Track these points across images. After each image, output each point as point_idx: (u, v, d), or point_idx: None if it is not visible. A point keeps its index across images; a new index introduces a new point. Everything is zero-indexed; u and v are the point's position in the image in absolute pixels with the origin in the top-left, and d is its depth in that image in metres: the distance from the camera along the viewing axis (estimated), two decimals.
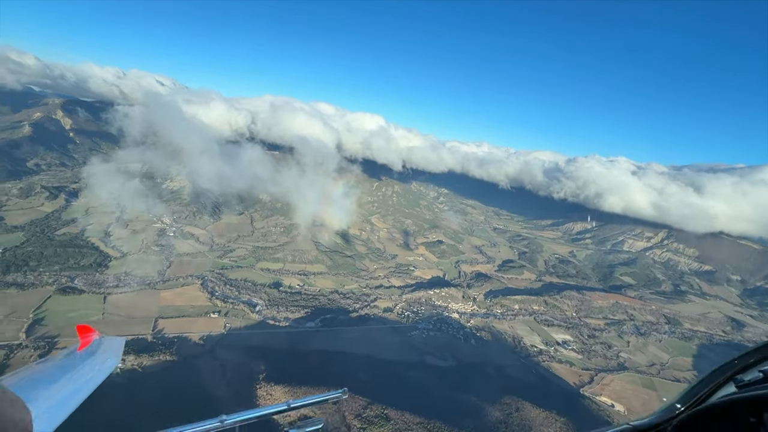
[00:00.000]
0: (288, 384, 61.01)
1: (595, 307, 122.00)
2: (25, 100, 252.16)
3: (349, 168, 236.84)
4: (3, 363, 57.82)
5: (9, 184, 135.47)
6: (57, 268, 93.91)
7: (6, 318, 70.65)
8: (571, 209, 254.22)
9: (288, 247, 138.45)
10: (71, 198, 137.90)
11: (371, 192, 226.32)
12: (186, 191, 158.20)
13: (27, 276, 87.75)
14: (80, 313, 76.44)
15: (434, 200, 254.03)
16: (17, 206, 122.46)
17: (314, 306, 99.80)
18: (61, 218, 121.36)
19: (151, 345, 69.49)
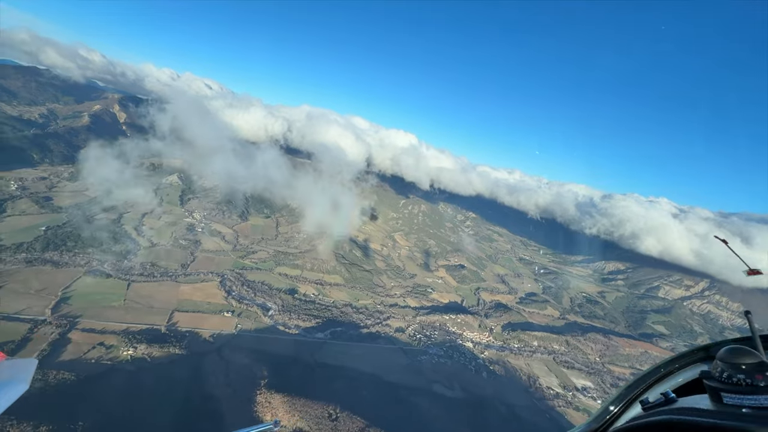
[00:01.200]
0: (288, 394, 60.07)
1: (622, 354, 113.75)
2: (88, 93, 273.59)
3: (377, 182, 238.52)
4: (26, 337, 60.58)
5: (62, 168, 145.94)
6: (90, 250, 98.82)
7: (37, 293, 74.50)
8: (604, 247, 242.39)
9: (308, 255, 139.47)
10: (114, 186, 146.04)
11: (397, 209, 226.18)
12: (218, 190, 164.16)
13: (63, 255, 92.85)
14: (104, 297, 79.49)
15: (460, 223, 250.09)
16: (66, 189, 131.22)
17: (326, 317, 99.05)
18: (102, 204, 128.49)
19: (163, 336, 70.89)
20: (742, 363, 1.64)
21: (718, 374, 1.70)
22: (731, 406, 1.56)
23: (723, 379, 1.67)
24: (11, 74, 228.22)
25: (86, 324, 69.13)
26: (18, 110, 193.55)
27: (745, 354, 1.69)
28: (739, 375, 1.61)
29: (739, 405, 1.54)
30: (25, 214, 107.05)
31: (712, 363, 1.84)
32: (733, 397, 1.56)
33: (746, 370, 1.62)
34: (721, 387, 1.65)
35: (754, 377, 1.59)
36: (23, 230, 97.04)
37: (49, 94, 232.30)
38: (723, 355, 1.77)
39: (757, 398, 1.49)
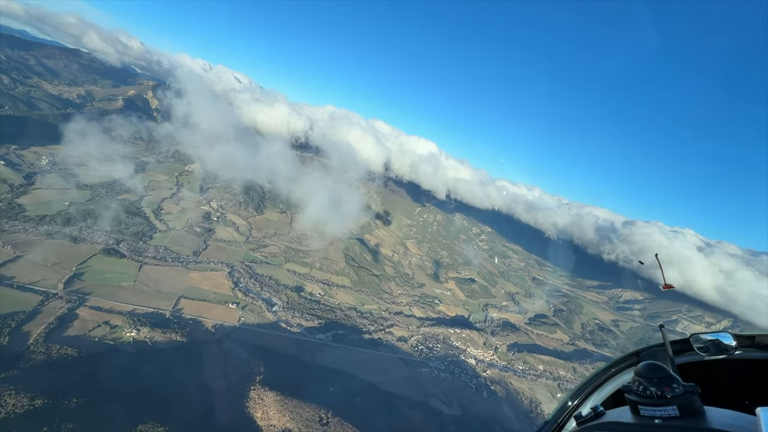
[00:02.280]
0: (282, 393, 59.40)
1: None
2: (125, 77, 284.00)
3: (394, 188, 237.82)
4: (36, 309, 62.11)
5: (91, 147, 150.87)
6: (109, 229, 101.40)
7: (53, 266, 76.60)
8: (622, 274, 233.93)
9: (318, 254, 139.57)
10: (139, 169, 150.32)
11: (412, 216, 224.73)
12: (237, 182, 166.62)
13: (82, 231, 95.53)
14: (115, 276, 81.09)
15: (475, 236, 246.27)
16: (93, 167, 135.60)
17: (329, 318, 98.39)
18: (126, 185, 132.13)
19: (167, 322, 71.59)
20: (654, 377, 1.80)
21: (635, 387, 1.85)
22: (646, 417, 1.71)
23: (639, 392, 1.82)
24: (56, 55, 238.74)
25: (95, 302, 70.51)
26: (58, 89, 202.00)
27: (656, 368, 1.84)
28: (651, 388, 1.76)
29: (652, 416, 1.69)
30: (51, 188, 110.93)
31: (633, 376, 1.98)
32: (648, 409, 1.72)
33: (657, 383, 1.78)
34: (637, 400, 1.81)
35: (663, 389, 1.74)
36: (48, 203, 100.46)
37: (89, 77, 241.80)
38: (638, 369, 1.91)
39: (666, 409, 1.66)
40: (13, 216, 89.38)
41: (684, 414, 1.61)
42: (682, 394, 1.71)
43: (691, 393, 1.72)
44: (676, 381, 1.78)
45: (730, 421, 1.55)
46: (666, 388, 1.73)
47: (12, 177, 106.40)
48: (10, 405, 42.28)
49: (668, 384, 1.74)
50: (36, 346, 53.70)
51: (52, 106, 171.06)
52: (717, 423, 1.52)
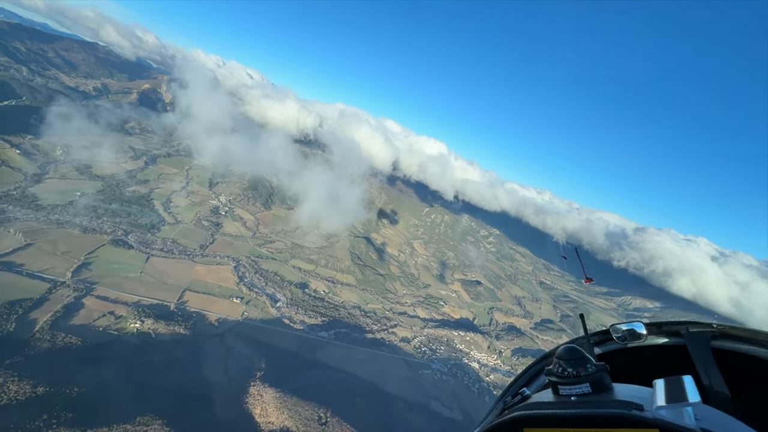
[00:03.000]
0: (281, 390, 59.22)
1: None
2: (140, 71, 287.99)
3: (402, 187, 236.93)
4: (44, 296, 62.91)
5: (105, 139, 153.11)
6: (118, 220, 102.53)
7: (62, 255, 77.65)
8: (632, 282, 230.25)
9: (324, 252, 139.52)
10: (150, 162, 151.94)
11: (420, 216, 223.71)
12: (247, 177, 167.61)
13: (92, 221, 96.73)
14: (122, 267, 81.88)
15: (483, 239, 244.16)
16: (105, 159, 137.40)
17: (333, 316, 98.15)
18: (136, 177, 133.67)
19: (171, 314, 71.98)
20: (572, 358, 2.03)
21: (555, 370, 2.07)
22: (564, 396, 1.93)
23: (558, 374, 2.03)
24: (74, 48, 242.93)
25: (101, 291, 71.24)
26: (75, 81, 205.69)
27: (573, 351, 2.08)
28: (569, 369, 1.98)
29: (569, 394, 1.91)
30: (64, 178, 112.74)
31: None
32: (566, 388, 1.93)
33: (573, 364, 2.00)
34: (557, 381, 2.02)
35: (579, 369, 1.97)
36: (60, 193, 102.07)
37: (105, 70, 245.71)
38: (558, 353, 2.14)
39: (580, 387, 1.89)
40: (25, 204, 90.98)
41: (595, 390, 1.85)
42: (595, 373, 1.93)
43: (602, 371, 1.96)
44: (590, 362, 2.00)
45: (631, 393, 1.83)
46: (581, 369, 1.95)
47: (26, 166, 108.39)
48: (12, 392, 42.78)
49: (583, 365, 1.97)
50: (42, 334, 54.36)
51: (69, 97, 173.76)
52: (621, 395, 1.77)
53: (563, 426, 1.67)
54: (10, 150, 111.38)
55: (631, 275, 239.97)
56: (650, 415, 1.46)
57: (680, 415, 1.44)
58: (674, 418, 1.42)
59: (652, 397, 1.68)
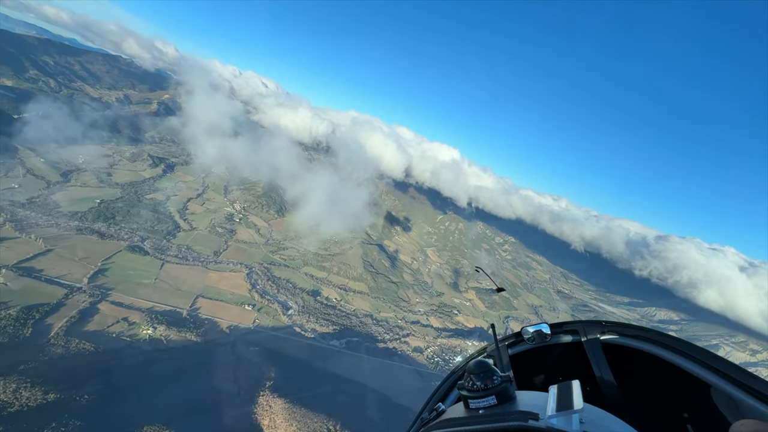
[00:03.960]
0: (290, 401, 58.13)
1: None
2: (161, 82, 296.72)
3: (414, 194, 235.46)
4: (60, 302, 63.85)
5: (125, 148, 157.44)
6: (135, 227, 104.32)
7: (80, 260, 79.08)
8: (655, 292, 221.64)
9: (336, 259, 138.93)
10: (168, 170, 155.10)
11: (434, 223, 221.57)
12: (261, 184, 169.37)
13: (110, 228, 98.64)
14: (137, 273, 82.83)
15: (498, 246, 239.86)
16: (125, 167, 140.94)
17: (344, 325, 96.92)
18: (154, 185, 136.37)
19: (183, 320, 72.12)
20: (480, 372, 2.04)
21: (466, 383, 2.07)
22: (473, 409, 1.94)
23: (468, 388, 2.03)
24: (99, 61, 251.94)
25: (116, 297, 72.00)
26: (99, 93, 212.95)
27: (481, 365, 2.09)
28: (477, 382, 2.00)
29: (477, 408, 1.93)
30: (85, 185, 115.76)
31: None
32: (475, 401, 1.94)
33: (482, 377, 2.02)
34: (467, 395, 2.02)
35: (486, 382, 1.99)
36: (80, 200, 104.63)
37: (127, 81, 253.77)
38: (468, 367, 2.15)
39: (487, 400, 1.90)
40: (47, 211, 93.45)
41: (500, 401, 1.90)
42: (500, 384, 1.97)
43: (507, 382, 2.01)
44: (496, 374, 2.03)
45: (530, 401, 1.90)
46: (488, 381, 1.97)
47: (50, 174, 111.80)
48: (24, 398, 43.05)
49: (490, 377, 1.99)
50: (56, 339, 54.95)
51: (92, 108, 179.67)
52: (522, 405, 1.83)
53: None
54: (35, 158, 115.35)
55: (654, 285, 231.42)
56: (543, 424, 1.55)
57: (568, 422, 1.54)
58: (563, 425, 1.53)
59: (545, 403, 1.79)
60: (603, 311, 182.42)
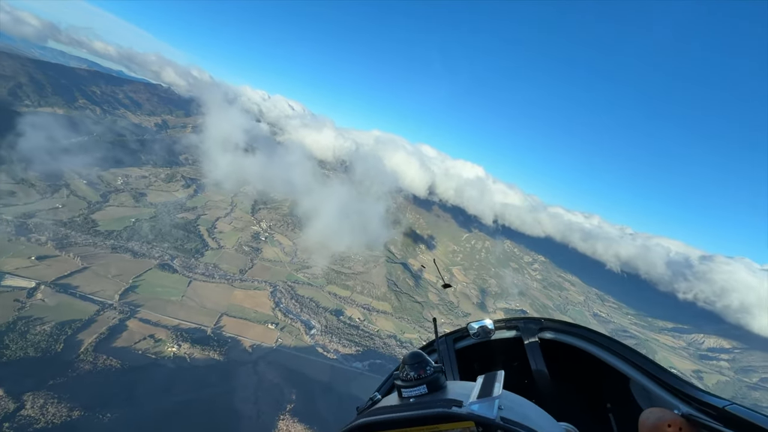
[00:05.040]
0: (311, 426, 55.95)
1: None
2: (196, 107, 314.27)
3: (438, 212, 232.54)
4: (92, 318, 65.61)
5: (160, 170, 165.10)
6: (166, 245, 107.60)
7: (113, 278, 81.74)
8: (702, 317, 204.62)
9: (360, 277, 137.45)
10: (199, 190, 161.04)
11: (459, 241, 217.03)
12: (287, 203, 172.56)
13: (142, 246, 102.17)
14: (165, 290, 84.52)
15: (527, 265, 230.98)
16: (159, 188, 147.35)
17: (367, 346, 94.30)
18: (186, 205, 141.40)
19: (207, 338, 72.24)
20: (414, 362, 2.10)
21: (401, 374, 2.13)
22: (405, 398, 2.00)
23: (402, 377, 2.09)
24: (140, 89, 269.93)
25: (144, 314, 73.35)
26: (140, 119, 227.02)
27: (416, 356, 2.15)
28: (411, 372, 2.05)
29: (409, 396, 1.99)
30: (122, 206, 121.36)
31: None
32: (407, 390, 2.00)
33: (416, 367, 2.08)
34: (400, 384, 2.07)
35: (419, 372, 2.04)
36: (117, 220, 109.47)
37: (166, 107, 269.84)
38: (404, 358, 2.22)
39: (418, 389, 1.97)
40: (86, 230, 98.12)
41: (431, 390, 1.96)
42: (432, 374, 2.03)
43: (439, 372, 2.07)
44: (429, 364, 2.09)
45: (459, 389, 1.97)
46: (421, 371, 2.03)
47: (90, 195, 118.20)
48: (50, 414, 43.52)
49: (423, 368, 2.05)
50: (85, 355, 55.98)
51: (133, 133, 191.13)
52: (451, 393, 1.91)
53: (399, 427, 1.75)
54: (78, 180, 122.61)
55: (701, 309, 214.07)
56: (465, 410, 1.64)
57: (488, 408, 1.63)
58: (482, 411, 1.62)
59: (471, 391, 1.88)
60: (645, 337, 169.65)
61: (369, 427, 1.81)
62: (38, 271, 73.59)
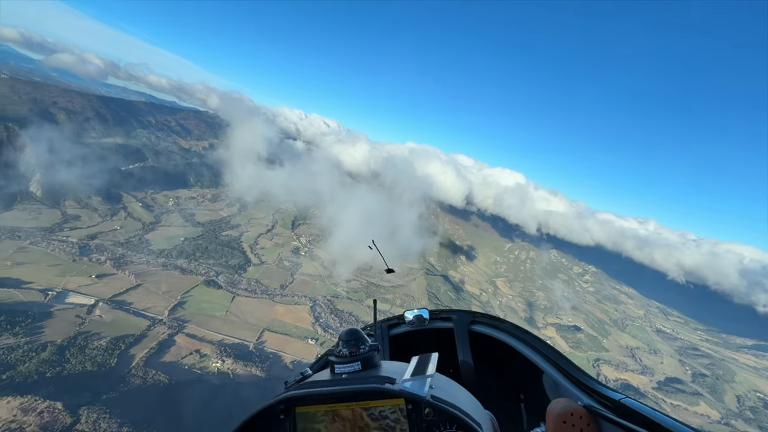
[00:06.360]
0: None
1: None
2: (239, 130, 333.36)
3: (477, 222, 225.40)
4: (143, 333, 68.36)
5: (207, 190, 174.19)
6: (212, 262, 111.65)
7: (163, 294, 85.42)
8: None
9: (400, 290, 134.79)
10: (243, 208, 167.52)
11: (501, 252, 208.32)
12: (324, 218, 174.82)
13: (190, 263, 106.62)
14: (210, 306, 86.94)
15: (577, 276, 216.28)
16: (206, 207, 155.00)
17: None
18: (230, 222, 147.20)
19: (249, 354, 72.77)
20: (350, 339, 2.07)
21: (335, 350, 2.11)
22: (338, 374, 1.98)
23: (336, 354, 2.07)
24: (190, 117, 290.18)
25: (191, 329, 75.47)
26: (189, 144, 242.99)
27: (352, 333, 2.12)
28: (344, 349, 2.03)
29: (341, 372, 1.97)
30: (173, 225, 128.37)
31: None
32: (340, 366, 1.98)
33: (351, 344, 2.05)
34: (333, 360, 2.05)
35: (353, 350, 2.02)
36: (168, 239, 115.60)
37: (212, 132, 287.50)
38: (341, 334, 2.18)
39: (352, 365, 1.95)
40: (140, 249, 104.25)
41: (365, 368, 1.94)
42: (367, 352, 2.02)
43: (374, 350, 2.05)
44: (365, 342, 2.07)
45: (393, 369, 1.97)
46: (355, 349, 2.01)
47: (145, 216, 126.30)
48: (101, 430, 44.76)
49: (357, 345, 2.03)
50: (136, 370, 57.89)
51: (183, 157, 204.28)
52: (384, 371, 1.93)
53: (328, 402, 1.74)
54: (134, 203, 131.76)
55: None
56: (397, 387, 1.66)
57: (420, 386, 1.66)
58: (414, 388, 1.64)
59: (404, 370, 1.92)
60: (720, 356, 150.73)
61: (296, 401, 1.78)
62: (97, 288, 78.52)
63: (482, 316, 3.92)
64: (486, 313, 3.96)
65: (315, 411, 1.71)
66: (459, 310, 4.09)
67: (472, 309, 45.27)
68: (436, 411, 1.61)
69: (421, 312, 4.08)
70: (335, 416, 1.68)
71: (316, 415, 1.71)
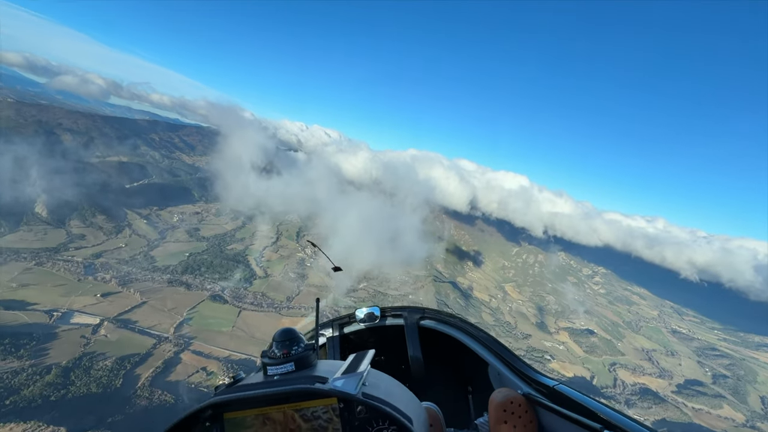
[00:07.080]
0: None
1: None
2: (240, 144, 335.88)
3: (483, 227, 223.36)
4: (149, 352, 67.23)
5: (211, 205, 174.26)
6: (217, 276, 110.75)
7: (169, 311, 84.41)
8: None
9: (407, 299, 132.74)
10: (247, 221, 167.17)
11: (509, 256, 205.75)
12: (327, 228, 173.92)
13: (195, 279, 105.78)
14: (216, 321, 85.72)
15: (587, 278, 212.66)
16: (211, 222, 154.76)
17: None
18: (235, 236, 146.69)
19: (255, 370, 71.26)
20: (285, 340, 1.96)
21: (269, 351, 1.99)
22: (270, 375, 1.86)
23: (269, 355, 1.95)
24: (193, 133, 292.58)
25: (197, 346, 74.21)
26: (193, 160, 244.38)
27: (286, 333, 2.02)
28: (277, 350, 1.93)
29: (273, 374, 1.86)
30: (178, 241, 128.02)
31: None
32: (272, 368, 1.87)
33: (286, 345, 1.94)
34: (266, 361, 1.93)
35: (287, 350, 1.91)
36: (173, 255, 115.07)
37: (215, 147, 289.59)
38: (274, 335, 2.07)
39: (285, 366, 1.84)
40: (145, 266, 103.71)
41: (299, 368, 1.85)
42: (301, 352, 1.91)
43: (309, 350, 1.96)
44: (300, 342, 1.97)
45: (328, 368, 1.88)
46: (286, 351, 1.91)
47: (150, 233, 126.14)
48: None
49: (291, 346, 1.93)
50: (142, 390, 56.62)
51: (187, 172, 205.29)
52: (320, 371, 1.83)
53: (258, 406, 1.60)
54: (139, 220, 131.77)
55: None
56: (328, 386, 1.59)
57: (351, 384, 1.60)
58: (345, 387, 1.58)
59: (338, 370, 1.85)
60: (740, 356, 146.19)
61: (223, 406, 1.65)
62: (102, 307, 77.72)
63: (432, 312, 3.98)
64: (435, 309, 4.05)
65: (244, 416, 1.61)
66: (410, 307, 4.12)
67: (482, 316, 43.77)
68: (368, 408, 1.56)
69: (372, 310, 4.01)
70: (266, 420, 1.58)
71: (246, 420, 1.59)
